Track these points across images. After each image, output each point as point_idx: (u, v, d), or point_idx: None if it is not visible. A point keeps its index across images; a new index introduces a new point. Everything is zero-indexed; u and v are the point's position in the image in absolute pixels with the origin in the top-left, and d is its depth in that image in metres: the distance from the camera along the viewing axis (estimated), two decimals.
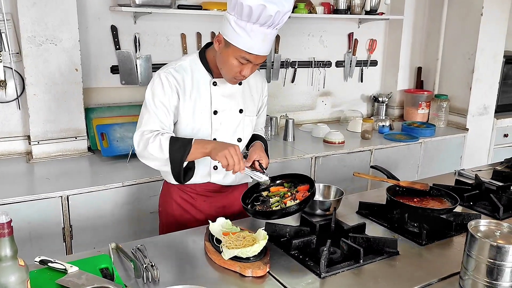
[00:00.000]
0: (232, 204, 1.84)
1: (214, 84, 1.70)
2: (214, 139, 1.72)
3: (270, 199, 1.68)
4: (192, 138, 1.59)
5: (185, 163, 1.60)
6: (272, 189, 1.74)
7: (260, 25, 1.49)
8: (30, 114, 2.52)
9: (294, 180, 1.77)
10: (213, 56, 1.67)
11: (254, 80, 1.81)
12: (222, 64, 1.61)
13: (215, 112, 1.71)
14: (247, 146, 1.85)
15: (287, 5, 1.49)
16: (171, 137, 1.59)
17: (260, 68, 3.28)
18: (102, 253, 1.45)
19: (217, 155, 1.52)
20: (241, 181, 1.86)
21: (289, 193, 1.66)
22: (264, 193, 1.74)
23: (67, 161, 2.60)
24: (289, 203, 1.62)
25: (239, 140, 1.78)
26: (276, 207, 1.63)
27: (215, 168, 1.77)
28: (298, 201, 1.60)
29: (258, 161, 1.70)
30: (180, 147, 1.56)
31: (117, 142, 2.64)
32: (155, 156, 1.59)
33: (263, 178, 1.64)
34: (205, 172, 1.76)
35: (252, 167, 1.72)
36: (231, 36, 1.53)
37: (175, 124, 1.71)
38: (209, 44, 1.73)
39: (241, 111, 1.76)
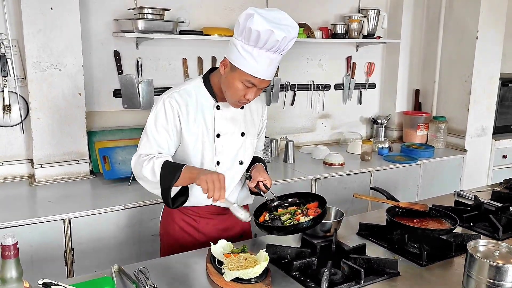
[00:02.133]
0: (233, 226, 1.86)
1: (218, 108, 1.73)
2: (218, 162, 1.75)
3: (281, 217, 1.70)
4: (184, 164, 1.60)
5: (175, 189, 1.62)
6: (280, 210, 1.77)
7: (266, 50, 1.54)
8: (34, 137, 2.55)
9: (301, 198, 1.81)
10: (217, 81, 1.70)
11: (255, 104, 1.85)
12: (227, 87, 1.64)
13: (218, 135, 1.74)
14: (248, 168, 1.88)
15: (293, 32, 1.55)
16: (165, 162, 1.60)
17: None
18: (104, 275, 1.46)
19: (199, 178, 1.51)
20: (242, 202, 1.88)
21: (299, 211, 1.68)
22: (276, 212, 1.77)
23: (69, 184, 2.62)
24: (302, 219, 1.65)
25: (241, 163, 1.81)
26: (289, 224, 1.66)
27: None
28: (311, 217, 1.63)
29: (262, 181, 1.74)
30: (170, 172, 1.57)
31: (119, 165, 2.66)
32: (148, 178, 1.61)
33: (243, 214, 1.59)
34: None
35: (257, 187, 1.76)
36: (238, 60, 1.57)
37: (179, 147, 1.74)
38: (212, 69, 1.77)
39: (242, 134, 1.80)
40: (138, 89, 2.95)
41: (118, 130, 2.91)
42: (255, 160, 1.90)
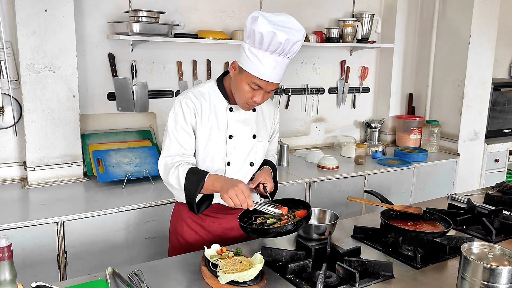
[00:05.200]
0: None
1: (231, 110, 1.77)
2: (228, 162, 1.78)
3: (267, 221, 1.70)
4: (207, 173, 1.65)
5: (199, 196, 1.69)
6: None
7: (271, 52, 1.57)
8: (27, 140, 2.53)
9: (292, 205, 1.80)
10: (229, 83, 1.75)
11: (267, 107, 1.90)
12: (235, 89, 1.69)
13: (230, 137, 1.77)
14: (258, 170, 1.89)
15: (297, 35, 1.57)
16: (189, 170, 1.66)
17: None
18: (98, 278, 1.45)
19: (223, 196, 1.57)
20: None
21: (286, 216, 1.69)
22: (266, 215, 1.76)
23: (62, 187, 2.60)
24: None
25: (251, 164, 1.84)
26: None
27: None
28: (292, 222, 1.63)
29: (263, 184, 1.75)
30: (194, 182, 1.63)
31: (113, 168, 2.65)
32: (174, 186, 1.70)
33: (276, 211, 1.64)
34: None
35: (257, 189, 1.78)
36: (245, 62, 1.61)
37: None
38: (226, 72, 1.81)
39: (254, 136, 1.83)
40: (133, 91, 2.94)
41: (112, 132, 2.90)
42: (266, 163, 1.92)
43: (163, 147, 1.77)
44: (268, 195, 1.78)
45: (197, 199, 1.70)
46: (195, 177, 1.64)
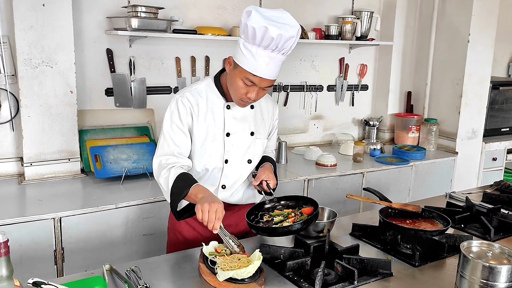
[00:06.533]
0: (238, 223, 1.86)
1: (228, 107, 1.76)
2: (226, 160, 1.77)
3: (274, 218, 1.70)
4: (195, 182, 1.61)
5: (185, 203, 1.68)
6: (276, 211, 1.77)
7: (264, 48, 1.55)
8: (24, 135, 2.52)
9: (299, 202, 1.80)
10: (226, 80, 1.73)
11: (265, 104, 1.88)
12: (230, 85, 1.68)
13: (228, 134, 1.76)
14: (257, 167, 1.89)
15: (291, 31, 1.54)
16: (179, 175, 1.63)
17: None
18: (96, 274, 1.44)
19: (197, 206, 1.52)
20: (247, 200, 1.89)
21: (293, 214, 1.69)
22: (272, 213, 1.76)
23: (59, 183, 2.58)
24: (286, 223, 1.64)
25: (249, 161, 1.83)
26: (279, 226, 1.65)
27: (223, 187, 1.81)
28: (301, 221, 1.63)
29: (266, 181, 1.75)
30: (180, 187, 1.60)
31: (111, 164, 2.64)
32: (163, 186, 1.68)
33: (234, 247, 1.53)
34: (212, 190, 1.78)
35: (260, 186, 1.77)
36: (239, 57, 1.60)
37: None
38: (223, 70, 1.79)
39: (252, 133, 1.82)
40: (131, 87, 2.93)
41: (110, 128, 2.88)
42: (265, 160, 1.91)
43: (158, 146, 1.75)
44: (272, 191, 1.78)
45: (182, 206, 1.69)
46: (182, 183, 1.61)
